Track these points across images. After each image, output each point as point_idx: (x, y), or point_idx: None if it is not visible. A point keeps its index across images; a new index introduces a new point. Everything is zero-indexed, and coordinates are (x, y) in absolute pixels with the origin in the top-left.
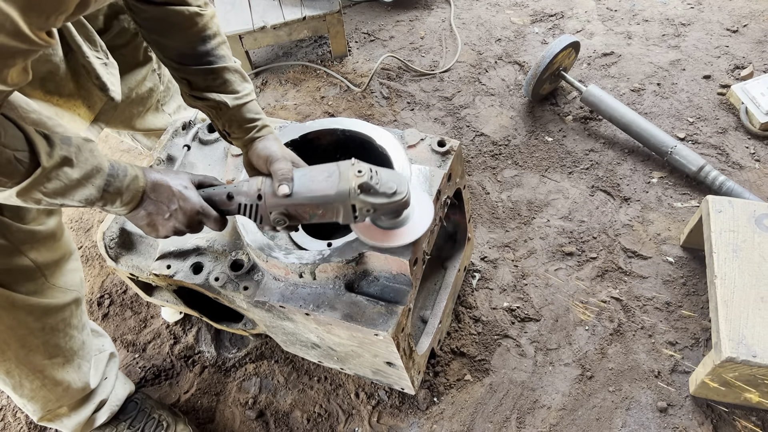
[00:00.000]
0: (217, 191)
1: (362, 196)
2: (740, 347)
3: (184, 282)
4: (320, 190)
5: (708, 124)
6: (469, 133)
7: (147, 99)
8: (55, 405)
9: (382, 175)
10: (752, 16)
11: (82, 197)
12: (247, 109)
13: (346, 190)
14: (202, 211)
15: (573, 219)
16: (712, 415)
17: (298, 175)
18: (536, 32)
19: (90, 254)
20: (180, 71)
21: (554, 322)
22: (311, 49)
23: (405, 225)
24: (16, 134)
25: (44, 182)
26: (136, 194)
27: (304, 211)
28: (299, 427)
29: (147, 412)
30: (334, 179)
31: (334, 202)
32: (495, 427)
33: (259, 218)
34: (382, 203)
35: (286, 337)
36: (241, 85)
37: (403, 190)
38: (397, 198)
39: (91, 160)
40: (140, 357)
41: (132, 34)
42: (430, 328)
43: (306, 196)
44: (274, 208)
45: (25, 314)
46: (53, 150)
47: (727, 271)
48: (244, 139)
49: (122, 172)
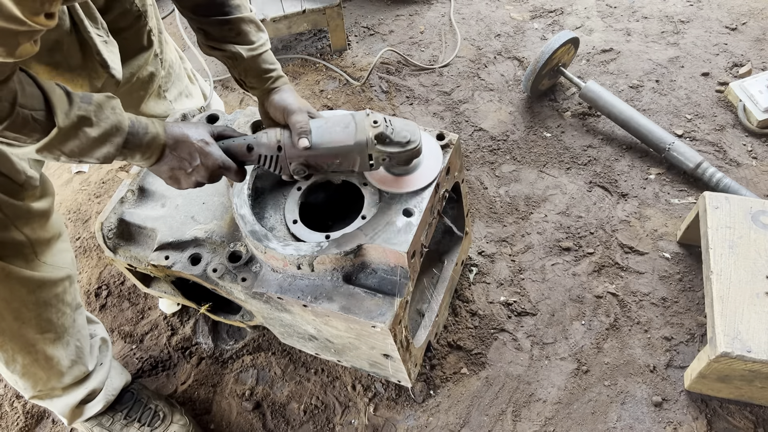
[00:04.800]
0: (237, 143)
1: (379, 146)
2: (735, 342)
3: (182, 273)
4: (338, 140)
5: (706, 121)
6: (468, 128)
7: (148, 84)
8: (46, 384)
9: (396, 125)
10: (751, 14)
11: (101, 155)
12: (263, 60)
13: (364, 141)
14: (223, 165)
15: (570, 214)
16: (707, 410)
17: (315, 127)
18: (536, 28)
19: (88, 245)
20: (196, 21)
21: (551, 316)
22: (310, 42)
23: (416, 171)
24: (34, 92)
25: (63, 141)
26: (155, 150)
27: (323, 161)
28: (296, 418)
29: (143, 402)
30: (351, 130)
31: (351, 152)
32: (491, 420)
33: (278, 168)
34: (397, 152)
35: (284, 329)
36: (256, 35)
37: (416, 139)
38: (411, 147)
39: (111, 118)
40: (137, 348)
41: (135, 17)
42: (427, 321)
43: (325, 147)
44: (294, 159)
45: (20, 286)
46: (71, 109)
47: (723, 267)
48: (260, 89)
49: (142, 130)
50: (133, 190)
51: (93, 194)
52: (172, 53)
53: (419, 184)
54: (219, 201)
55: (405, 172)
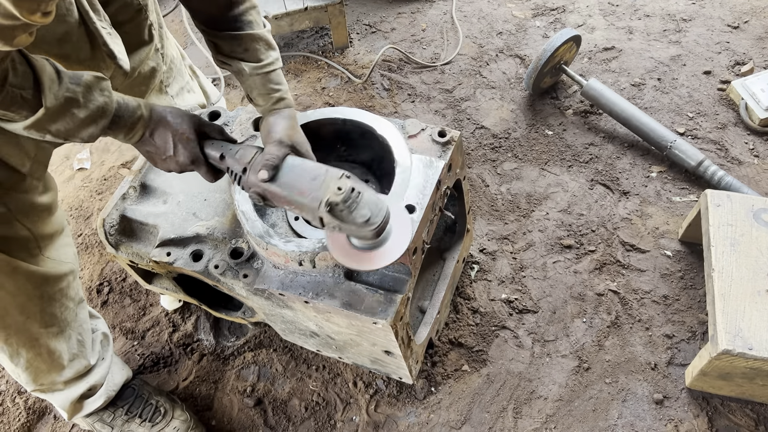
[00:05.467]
0: (214, 147)
1: (329, 215)
2: (736, 340)
3: (184, 269)
4: (297, 190)
5: (708, 119)
6: (470, 126)
7: (150, 79)
8: (48, 377)
9: (364, 200)
10: (753, 13)
11: (86, 135)
12: (268, 79)
13: (317, 204)
14: (194, 164)
15: (572, 212)
16: (708, 408)
17: (289, 165)
18: (538, 26)
19: (90, 242)
20: (209, 34)
21: (552, 314)
22: (312, 39)
23: (378, 248)
24: (26, 71)
25: (49, 121)
26: (136, 134)
27: (278, 201)
28: (297, 415)
29: (144, 398)
30: (316, 184)
31: (304, 208)
32: (492, 417)
33: (242, 187)
34: (349, 228)
35: (285, 325)
36: (266, 53)
37: (376, 222)
38: (368, 228)
39: (99, 100)
40: (139, 344)
41: (135, 10)
42: (428, 318)
43: (284, 190)
44: (252, 187)
45: (26, 280)
46: (60, 89)
47: (725, 265)
48: (263, 108)
49: (128, 113)
50: (135, 187)
51: (95, 191)
52: (173, 49)
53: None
54: (221, 197)
55: (365, 247)
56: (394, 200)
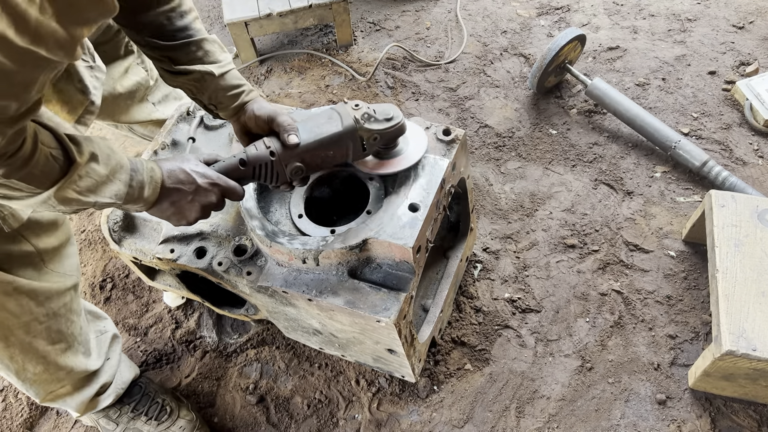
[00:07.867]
0: (228, 162)
1: (367, 124)
2: (740, 341)
3: (188, 266)
4: (327, 130)
5: (712, 119)
6: (474, 125)
7: (134, 93)
8: (57, 386)
9: (376, 107)
10: (758, 13)
11: (112, 193)
12: (232, 76)
13: (352, 123)
14: (221, 182)
15: (576, 212)
16: (711, 408)
17: (302, 124)
18: (542, 25)
19: (93, 238)
20: (160, 49)
21: (555, 313)
22: (316, 37)
23: (402, 154)
24: (46, 132)
25: (78, 180)
26: (156, 186)
27: (317, 156)
28: (299, 412)
29: (151, 396)
30: (336, 119)
31: (342, 138)
32: (494, 416)
33: (275, 176)
34: (384, 128)
35: (288, 323)
36: (222, 54)
37: (398, 115)
38: (395, 122)
39: (112, 156)
40: (142, 341)
41: (115, 31)
42: (431, 316)
43: (316, 140)
44: (289, 160)
45: (29, 299)
46: (80, 147)
47: (729, 266)
48: (233, 107)
49: (140, 166)
50: None
51: None
52: None
53: (409, 162)
54: None
55: (393, 155)
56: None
